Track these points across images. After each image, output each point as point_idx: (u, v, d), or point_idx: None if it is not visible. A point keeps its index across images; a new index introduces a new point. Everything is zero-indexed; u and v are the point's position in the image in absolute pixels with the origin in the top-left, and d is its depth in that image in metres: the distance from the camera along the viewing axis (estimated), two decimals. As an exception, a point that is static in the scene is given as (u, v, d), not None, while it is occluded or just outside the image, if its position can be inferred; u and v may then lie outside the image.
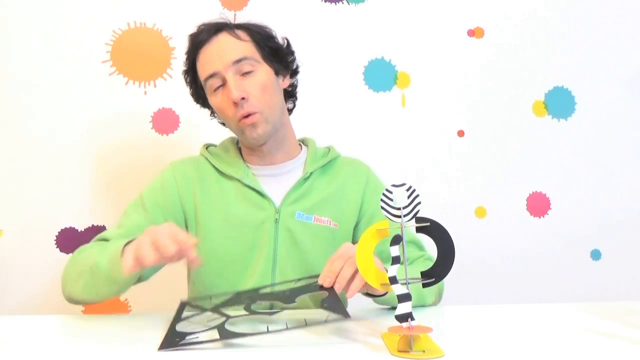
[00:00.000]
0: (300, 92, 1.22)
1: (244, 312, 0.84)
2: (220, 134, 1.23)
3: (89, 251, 1.03)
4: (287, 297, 0.85)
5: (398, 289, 0.73)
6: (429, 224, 0.76)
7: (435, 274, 0.77)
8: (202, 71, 1.09)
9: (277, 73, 1.12)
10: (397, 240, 0.74)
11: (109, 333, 0.82)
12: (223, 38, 1.08)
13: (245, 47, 1.08)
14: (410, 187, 0.76)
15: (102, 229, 1.49)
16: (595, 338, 0.80)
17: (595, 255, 1.77)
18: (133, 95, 1.53)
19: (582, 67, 1.76)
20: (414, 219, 0.76)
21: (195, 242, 0.83)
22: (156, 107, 1.54)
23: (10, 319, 0.89)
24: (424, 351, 0.71)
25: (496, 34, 1.72)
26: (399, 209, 0.75)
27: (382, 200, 0.77)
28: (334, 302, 0.81)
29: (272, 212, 1.10)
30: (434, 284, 0.77)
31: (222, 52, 1.06)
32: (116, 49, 1.52)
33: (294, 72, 1.19)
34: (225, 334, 0.74)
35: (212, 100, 1.10)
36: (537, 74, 1.74)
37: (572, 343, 0.78)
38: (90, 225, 1.50)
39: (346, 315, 0.76)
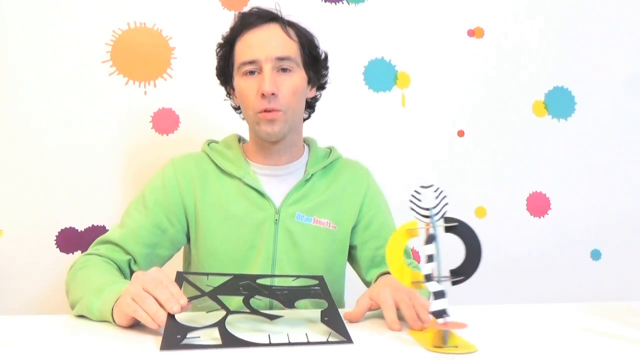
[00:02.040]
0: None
1: (243, 308, 0.84)
2: (221, 134, 1.23)
3: (88, 272, 0.98)
4: (286, 300, 0.85)
5: (433, 286, 0.76)
6: (457, 224, 0.79)
7: (464, 272, 0.79)
8: (242, 53, 1.08)
9: (308, 82, 1.13)
10: (431, 239, 0.77)
11: (109, 333, 0.82)
12: (274, 28, 1.09)
13: (292, 47, 1.09)
14: (438, 189, 0.79)
15: (102, 229, 1.49)
16: (595, 338, 0.80)
17: (595, 255, 1.77)
18: (133, 95, 1.53)
19: (582, 67, 1.76)
20: (442, 219, 0.79)
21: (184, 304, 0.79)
22: (156, 107, 1.54)
23: (10, 319, 0.89)
24: (457, 346, 0.73)
25: (496, 34, 1.72)
26: (428, 209, 0.77)
27: (411, 201, 0.79)
28: (335, 318, 0.82)
29: (272, 212, 1.10)
30: (463, 281, 0.80)
31: (270, 43, 1.07)
32: (116, 49, 1.52)
33: (321, 87, 1.20)
34: (227, 340, 0.75)
35: (239, 83, 1.09)
36: (537, 74, 1.74)
37: (572, 343, 0.78)
38: (90, 225, 1.50)
39: (348, 339, 0.77)
